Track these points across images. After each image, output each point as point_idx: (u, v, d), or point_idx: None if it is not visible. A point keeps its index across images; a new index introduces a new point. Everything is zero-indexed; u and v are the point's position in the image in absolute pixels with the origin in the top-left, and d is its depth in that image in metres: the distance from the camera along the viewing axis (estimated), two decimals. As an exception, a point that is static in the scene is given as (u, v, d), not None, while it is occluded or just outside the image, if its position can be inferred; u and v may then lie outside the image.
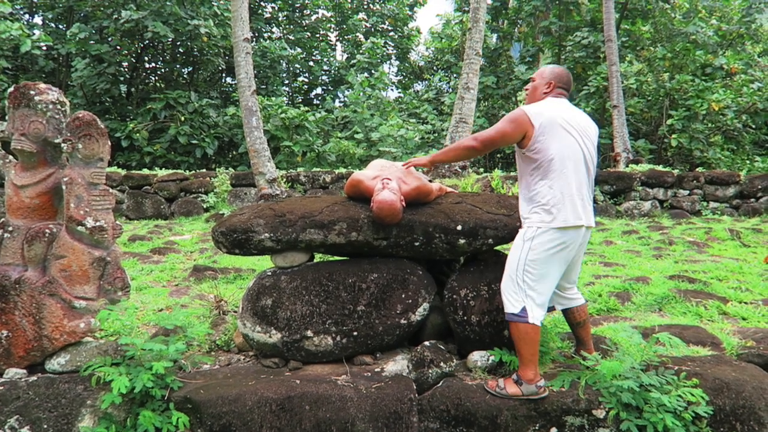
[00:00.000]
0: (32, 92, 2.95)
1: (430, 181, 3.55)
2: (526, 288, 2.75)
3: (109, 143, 3.07)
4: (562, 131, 2.75)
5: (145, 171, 12.29)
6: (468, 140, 2.95)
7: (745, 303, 4.43)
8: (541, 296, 2.77)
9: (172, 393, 2.78)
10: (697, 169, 12.61)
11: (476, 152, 2.98)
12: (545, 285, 2.78)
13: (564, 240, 2.75)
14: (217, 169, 12.54)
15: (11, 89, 2.97)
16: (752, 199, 10.64)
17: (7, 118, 3.01)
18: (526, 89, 3.03)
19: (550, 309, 3.15)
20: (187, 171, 12.57)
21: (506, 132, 2.80)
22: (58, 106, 3.01)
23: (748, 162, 14.06)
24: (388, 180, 3.12)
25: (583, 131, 2.84)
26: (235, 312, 4.01)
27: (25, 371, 2.90)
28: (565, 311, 3.18)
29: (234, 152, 18.18)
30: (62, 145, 2.97)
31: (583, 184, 2.81)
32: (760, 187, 10.53)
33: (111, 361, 2.82)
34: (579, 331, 3.19)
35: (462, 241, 3.16)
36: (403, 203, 3.10)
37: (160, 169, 13.65)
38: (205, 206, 11.25)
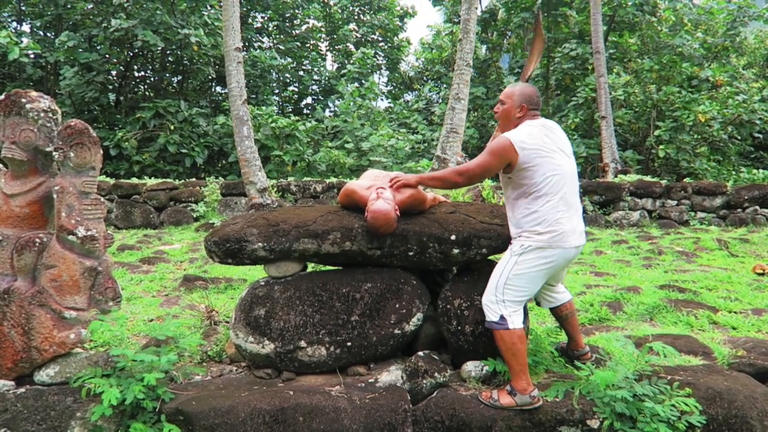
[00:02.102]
0: (23, 100, 2.92)
1: (424, 190, 3.56)
2: (503, 299, 2.81)
3: (101, 152, 3.05)
4: (547, 156, 2.78)
5: (134, 180, 12.18)
6: (452, 174, 2.97)
7: (735, 312, 4.47)
8: (517, 306, 2.84)
9: (164, 405, 2.74)
10: (684, 180, 12.74)
11: (459, 186, 3.02)
12: (522, 298, 2.85)
13: (552, 260, 2.80)
14: (207, 179, 12.47)
15: (1, 97, 2.94)
16: (739, 210, 10.74)
17: (-3, 126, 2.97)
18: (496, 111, 3.02)
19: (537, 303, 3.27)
20: (177, 180, 12.47)
21: (491, 166, 2.83)
22: (50, 115, 2.98)
23: (733, 173, 14.22)
24: (382, 189, 3.12)
25: (564, 147, 2.89)
26: (227, 322, 3.98)
27: (13, 383, 2.85)
28: (552, 308, 3.28)
29: (224, 161, 18.11)
30: (53, 153, 2.94)
31: (572, 203, 2.83)
32: (746, 197, 10.64)
33: (101, 373, 2.78)
34: (566, 325, 3.28)
35: (456, 251, 3.16)
36: (398, 213, 3.09)
37: (150, 178, 13.54)
38: (194, 216, 11.16)
